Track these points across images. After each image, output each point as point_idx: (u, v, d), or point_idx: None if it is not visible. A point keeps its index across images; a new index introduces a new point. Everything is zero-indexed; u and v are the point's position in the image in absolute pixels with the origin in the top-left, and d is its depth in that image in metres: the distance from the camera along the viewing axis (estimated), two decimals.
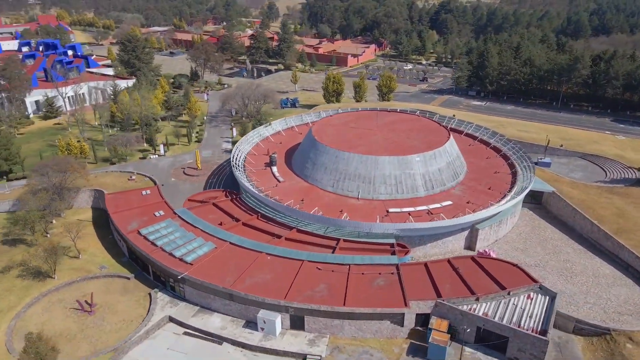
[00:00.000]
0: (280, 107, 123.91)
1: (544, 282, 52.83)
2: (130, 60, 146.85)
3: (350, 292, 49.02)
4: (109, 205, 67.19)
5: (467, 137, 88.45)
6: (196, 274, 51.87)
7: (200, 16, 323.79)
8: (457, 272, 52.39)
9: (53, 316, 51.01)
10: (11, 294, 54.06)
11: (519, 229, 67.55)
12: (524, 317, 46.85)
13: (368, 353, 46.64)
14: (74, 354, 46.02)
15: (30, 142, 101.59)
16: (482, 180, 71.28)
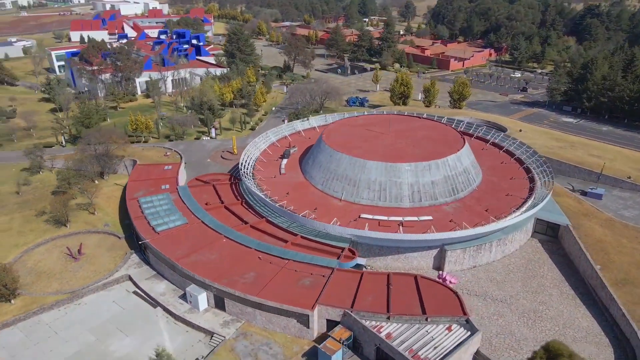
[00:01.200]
0: (348, 105, 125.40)
1: (497, 319, 48.16)
2: (233, 51, 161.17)
3: (271, 285, 50.55)
4: (132, 174, 77.53)
5: (494, 147, 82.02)
6: (156, 242, 58.13)
7: (332, 13, 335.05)
8: (388, 287, 50.27)
9: (49, 257, 61.75)
10: (32, 233, 66.55)
11: (510, 260, 60.85)
12: (428, 346, 43.56)
13: (268, 345, 47.94)
14: (42, 289, 55.69)
15: (125, 115, 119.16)
16: (486, 200, 65.41)
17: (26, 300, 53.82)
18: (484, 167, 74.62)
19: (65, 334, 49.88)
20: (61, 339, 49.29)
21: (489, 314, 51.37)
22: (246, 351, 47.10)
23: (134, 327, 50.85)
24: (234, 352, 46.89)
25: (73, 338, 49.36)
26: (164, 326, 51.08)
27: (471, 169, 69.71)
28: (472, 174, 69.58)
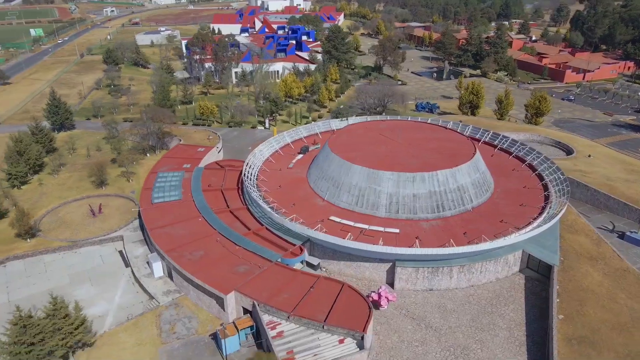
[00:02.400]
0: (416, 110, 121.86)
1: (417, 346, 45.77)
2: (329, 49, 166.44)
3: (209, 265, 54.23)
4: (169, 151, 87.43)
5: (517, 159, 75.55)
6: (145, 211, 65.99)
7: (465, 15, 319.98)
8: (310, 288, 50.56)
9: (76, 211, 73.88)
10: (77, 190, 79.86)
11: (476, 290, 55.50)
12: (309, 352, 43.42)
13: (189, 319, 51.97)
14: (56, 235, 67.33)
15: (211, 100, 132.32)
16: (476, 223, 60.24)
17: (39, 242, 65.77)
18: (500, 188, 68.26)
19: (51, 274, 60.10)
20: (46, 276, 59.58)
21: (412, 340, 48.33)
22: (169, 319, 51.75)
23: (101, 279, 58.98)
24: (158, 318, 51.89)
25: (55, 278, 59.26)
26: (123, 284, 58.32)
27: (469, 188, 64.26)
28: (470, 193, 64.15)
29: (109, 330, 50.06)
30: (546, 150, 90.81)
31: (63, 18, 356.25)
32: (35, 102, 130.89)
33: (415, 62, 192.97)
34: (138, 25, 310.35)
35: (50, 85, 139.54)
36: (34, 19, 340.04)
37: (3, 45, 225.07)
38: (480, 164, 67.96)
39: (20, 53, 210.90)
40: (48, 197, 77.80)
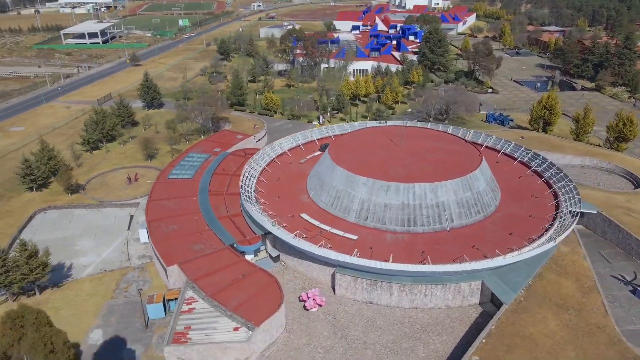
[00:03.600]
0: (487, 121, 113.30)
1: (319, 351, 46.25)
2: (424, 50, 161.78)
3: (174, 239, 59.54)
4: (213, 135, 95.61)
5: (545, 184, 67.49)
6: (156, 184, 74.30)
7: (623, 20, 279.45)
8: (241, 275, 53.05)
9: (118, 177, 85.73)
10: (127, 159, 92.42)
11: (416, 313, 52.14)
12: (203, 332, 46.25)
13: (145, 283, 58.19)
14: (92, 194, 79.44)
15: (285, 93, 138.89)
16: (446, 244, 56.46)
17: (77, 197, 78.37)
18: (503, 211, 62.38)
19: (72, 225, 71.61)
20: (68, 226, 71.16)
21: (318, 345, 47.95)
22: (129, 279, 58.63)
23: (104, 236, 68.51)
24: (122, 277, 59.08)
25: (72, 229, 70.56)
26: (116, 243, 66.99)
27: (452, 206, 59.60)
28: (452, 212, 59.53)
29: (78, 278, 58.68)
30: (611, 181, 78.75)
31: (218, 10, 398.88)
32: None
33: (528, 70, 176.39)
34: (273, 19, 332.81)
35: (144, 71, 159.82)
36: (192, 11, 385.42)
37: (152, 33, 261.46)
38: (478, 183, 62.26)
39: (162, 40, 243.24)
40: (106, 163, 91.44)
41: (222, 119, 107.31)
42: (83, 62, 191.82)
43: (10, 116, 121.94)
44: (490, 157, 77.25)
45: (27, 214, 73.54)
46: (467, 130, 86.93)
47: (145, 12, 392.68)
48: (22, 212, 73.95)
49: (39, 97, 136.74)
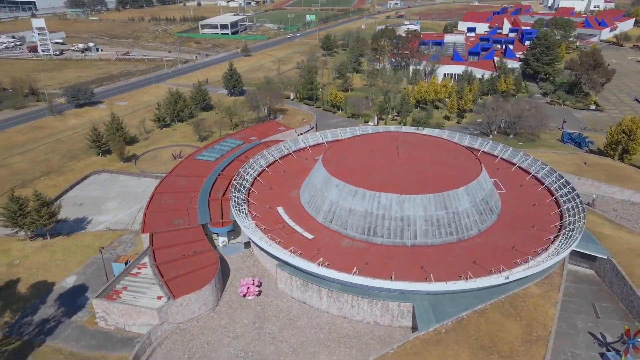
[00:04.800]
0: (562, 141, 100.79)
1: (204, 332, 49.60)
2: (527, 57, 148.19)
3: (163, 212, 66.33)
4: (260, 124, 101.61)
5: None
6: (180, 162, 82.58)
7: None
8: (193, 252, 57.50)
9: (168, 153, 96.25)
10: (185, 138, 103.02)
11: (336, 322, 51.05)
12: (132, 294, 51.85)
13: (132, 244, 66.01)
14: (140, 165, 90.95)
15: (364, 92, 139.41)
16: (396, 259, 53.90)
17: (127, 166, 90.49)
18: (485, 238, 57.23)
19: (112, 187, 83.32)
20: (108, 188, 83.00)
21: (229, 330, 50.18)
22: (121, 240, 66.94)
23: (128, 201, 78.55)
24: (118, 238, 67.64)
25: (109, 190, 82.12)
26: (134, 209, 76.22)
27: (418, 222, 56.08)
28: (417, 228, 56.09)
29: (85, 232, 68.82)
30: None
31: (357, 7, 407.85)
32: (251, 72, 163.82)
33: None
34: (402, 17, 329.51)
35: (227, 62, 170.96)
36: (330, 7, 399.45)
37: (277, 27, 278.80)
38: (457, 202, 57.36)
39: (284, 34, 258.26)
40: (167, 140, 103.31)
41: (281, 111, 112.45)
42: (206, 50, 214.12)
43: (122, 92, 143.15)
44: (511, 176, 70.08)
45: (84, 173, 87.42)
46: (497, 145, 79.39)
47: (289, 7, 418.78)
48: (82, 172, 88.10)
49: (152, 79, 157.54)
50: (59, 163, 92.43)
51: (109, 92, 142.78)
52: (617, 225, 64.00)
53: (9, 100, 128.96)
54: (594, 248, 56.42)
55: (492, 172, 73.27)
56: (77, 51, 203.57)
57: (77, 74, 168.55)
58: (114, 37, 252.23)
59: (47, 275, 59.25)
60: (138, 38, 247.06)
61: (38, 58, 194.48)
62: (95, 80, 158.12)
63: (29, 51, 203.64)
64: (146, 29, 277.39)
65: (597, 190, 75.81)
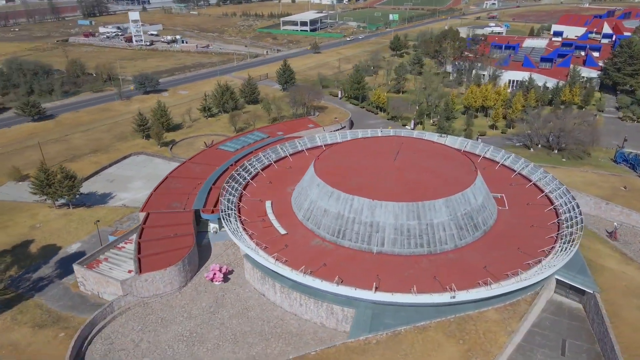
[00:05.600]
0: (615, 161, 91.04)
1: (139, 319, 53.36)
2: (607, 67, 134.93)
3: (168, 194, 71.26)
4: (292, 120, 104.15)
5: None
6: (202, 150, 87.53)
7: None
8: (174, 234, 61.52)
9: (202, 141, 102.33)
10: (222, 128, 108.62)
11: (287, 318, 51.81)
12: (109, 264, 57.00)
13: (136, 221, 71.95)
14: (175, 150, 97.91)
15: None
16: (357, 263, 53.43)
17: (163, 150, 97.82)
18: (469, 251, 54.65)
19: (143, 168, 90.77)
20: (140, 169, 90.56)
21: (178, 311, 53.17)
22: (130, 217, 72.92)
23: (152, 182, 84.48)
24: (129, 214, 73.94)
25: (140, 171, 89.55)
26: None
27: (387, 230, 54.63)
28: (386, 236, 54.73)
29: (102, 206, 75.99)
30: None
31: (453, 6, 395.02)
32: (314, 69, 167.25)
33: None
34: (494, 18, 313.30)
35: (282, 61, 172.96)
36: (422, 7, 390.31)
37: (358, 26, 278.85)
38: (433, 214, 54.93)
39: (361, 32, 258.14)
40: (207, 129, 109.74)
41: (320, 108, 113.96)
42: (280, 45, 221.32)
43: (188, 82, 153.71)
44: (522, 193, 65.62)
45: (125, 154, 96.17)
46: (518, 159, 73.97)
47: (379, 6, 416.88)
48: (124, 152, 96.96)
49: (218, 71, 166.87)
50: (108, 143, 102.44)
51: (176, 82, 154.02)
52: (628, 259, 57.13)
53: (90, 84, 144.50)
54: (582, 280, 51.09)
55: (503, 187, 68.97)
56: (165, 42, 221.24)
57: (157, 63, 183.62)
58: (203, 30, 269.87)
59: (58, 240, 66.69)
60: (223, 32, 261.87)
61: (131, 47, 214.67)
62: (170, 70, 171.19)
63: (125, 41, 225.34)
64: (234, 24, 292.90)
65: (627, 218, 67.84)
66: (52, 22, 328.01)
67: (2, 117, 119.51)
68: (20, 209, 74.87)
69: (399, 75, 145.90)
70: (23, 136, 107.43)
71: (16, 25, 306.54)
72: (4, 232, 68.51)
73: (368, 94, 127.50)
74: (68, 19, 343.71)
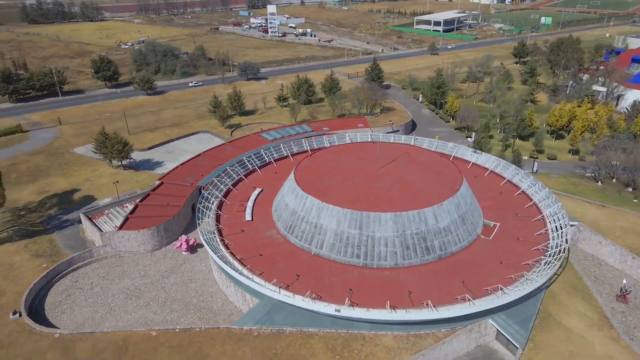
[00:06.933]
0: None
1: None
2: None
3: (190, 169, 79.44)
4: (343, 118, 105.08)
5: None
6: (248, 136, 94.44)
7: None
8: (167, 203, 69.36)
9: (257, 128, 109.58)
10: (285, 118, 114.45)
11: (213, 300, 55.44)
12: (107, 218, 67.11)
13: None
14: (237, 132, 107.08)
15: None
16: (305, 265, 55.00)
17: (225, 131, 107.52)
18: (433, 271, 52.38)
19: (201, 146, 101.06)
20: (196, 145, 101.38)
21: (148, 270, 60.41)
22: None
23: None
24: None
25: (197, 148, 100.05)
26: None
27: (329, 234, 54.23)
28: (327, 239, 54.41)
29: (148, 172, 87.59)
30: None
31: (636, 12, 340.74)
32: (419, 70, 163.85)
33: None
34: None
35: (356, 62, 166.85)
36: (600, 10, 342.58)
37: (499, 29, 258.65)
38: (376, 227, 52.57)
39: (499, 35, 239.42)
40: (273, 117, 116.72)
41: (388, 109, 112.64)
42: (404, 44, 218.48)
43: (289, 73, 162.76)
44: (525, 226, 58.51)
45: (195, 130, 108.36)
46: (543, 189, 64.76)
47: (545, 7, 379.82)
48: (195, 129, 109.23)
49: (322, 65, 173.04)
50: (188, 119, 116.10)
51: (279, 71, 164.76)
52: (605, 326, 47.29)
53: (206, 67, 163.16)
54: (513, 331, 44.55)
55: (506, 217, 61.80)
56: (295, 35, 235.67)
57: (276, 53, 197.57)
58: (339, 25, 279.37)
59: (97, 193, 79.79)
60: (355, 28, 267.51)
61: (264, 38, 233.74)
62: (284, 60, 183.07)
63: (263, 32, 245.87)
64: (372, 20, 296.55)
65: None
66: (220, 12, 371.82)
67: (127, 89, 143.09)
68: (89, 163, 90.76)
69: (500, 83, 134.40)
70: (133, 106, 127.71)
71: (191, 13, 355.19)
72: (67, 179, 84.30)
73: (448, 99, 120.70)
74: (235, 9, 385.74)
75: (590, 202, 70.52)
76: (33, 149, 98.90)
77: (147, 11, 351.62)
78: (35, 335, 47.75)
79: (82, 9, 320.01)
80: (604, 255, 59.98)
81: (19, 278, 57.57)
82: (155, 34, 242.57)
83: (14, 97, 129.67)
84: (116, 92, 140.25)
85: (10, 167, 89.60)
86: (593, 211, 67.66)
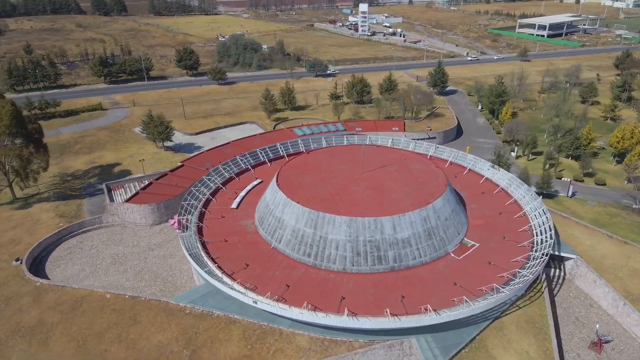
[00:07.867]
0: None
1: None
2: None
3: (213, 155, 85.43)
4: (380, 120, 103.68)
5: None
6: (281, 130, 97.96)
7: None
8: (175, 184, 75.52)
9: (300, 123, 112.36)
10: (329, 116, 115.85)
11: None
12: (123, 191, 75.03)
13: None
14: (280, 125, 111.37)
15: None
16: (255, 254, 57.58)
17: (268, 124, 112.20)
18: (384, 283, 52.58)
19: (239, 134, 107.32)
20: (240, 134, 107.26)
21: (139, 242, 66.82)
22: None
23: None
24: None
25: (240, 136, 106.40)
26: None
27: (288, 230, 55.51)
28: (286, 235, 55.83)
29: (185, 154, 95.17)
30: None
31: None
32: (493, 77, 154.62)
33: None
34: None
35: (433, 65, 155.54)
36: None
37: (617, 35, 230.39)
38: (330, 229, 52.64)
39: (616, 43, 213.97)
40: (320, 115, 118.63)
41: (435, 115, 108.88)
42: (496, 49, 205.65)
43: (357, 72, 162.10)
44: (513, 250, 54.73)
45: (244, 120, 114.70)
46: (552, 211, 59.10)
47: None
48: (244, 119, 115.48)
49: (393, 66, 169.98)
50: (242, 110, 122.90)
51: (349, 70, 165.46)
52: None
53: (280, 62, 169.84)
54: (429, 357, 42.23)
55: (491, 239, 57.84)
56: (384, 34, 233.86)
57: (357, 51, 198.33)
58: (436, 26, 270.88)
59: (134, 168, 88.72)
60: (451, 30, 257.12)
61: (352, 36, 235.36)
62: (359, 60, 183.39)
63: (354, 30, 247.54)
64: (474, 22, 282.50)
65: None
66: (325, 9, 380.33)
67: (202, 78, 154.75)
68: (139, 142, 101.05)
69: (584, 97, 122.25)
70: (201, 93, 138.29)
71: (297, 10, 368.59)
72: (116, 154, 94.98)
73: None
74: (341, 7, 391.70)
75: (612, 236, 62.41)
76: (104, 125, 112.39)
77: (257, 7, 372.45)
78: (24, 281, 55.91)
79: (200, 3, 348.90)
80: (597, 296, 53.29)
81: (37, 232, 67.17)
82: (254, 29, 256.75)
83: (108, 79, 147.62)
84: (191, 80, 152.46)
85: (79, 138, 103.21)
86: (606, 246, 59.93)
